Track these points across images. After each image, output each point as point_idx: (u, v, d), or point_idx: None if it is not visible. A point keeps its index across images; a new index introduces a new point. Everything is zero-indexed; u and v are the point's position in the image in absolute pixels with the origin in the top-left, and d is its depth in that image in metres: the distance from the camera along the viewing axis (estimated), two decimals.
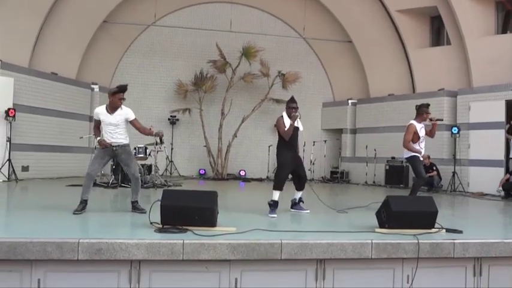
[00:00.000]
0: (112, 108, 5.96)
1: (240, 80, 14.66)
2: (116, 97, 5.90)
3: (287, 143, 6.31)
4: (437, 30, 14.08)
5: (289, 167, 6.30)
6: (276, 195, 6.21)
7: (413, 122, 7.12)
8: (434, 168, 12.11)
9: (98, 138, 5.99)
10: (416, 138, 7.04)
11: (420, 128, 7.10)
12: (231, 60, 14.47)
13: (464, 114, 12.22)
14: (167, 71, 15.40)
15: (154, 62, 15.36)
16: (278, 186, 6.22)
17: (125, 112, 6.02)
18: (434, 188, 11.90)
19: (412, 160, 7.08)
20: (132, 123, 6.09)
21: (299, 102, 6.60)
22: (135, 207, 6.10)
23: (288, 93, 14.42)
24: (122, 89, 5.95)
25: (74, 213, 5.71)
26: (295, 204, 6.62)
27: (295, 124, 6.30)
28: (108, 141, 5.95)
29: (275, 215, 6.08)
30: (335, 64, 16.06)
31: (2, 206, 7.28)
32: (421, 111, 7.14)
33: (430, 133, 7.26)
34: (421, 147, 7.13)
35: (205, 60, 14.63)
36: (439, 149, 12.60)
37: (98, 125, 6.15)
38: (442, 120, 7.07)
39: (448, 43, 13.27)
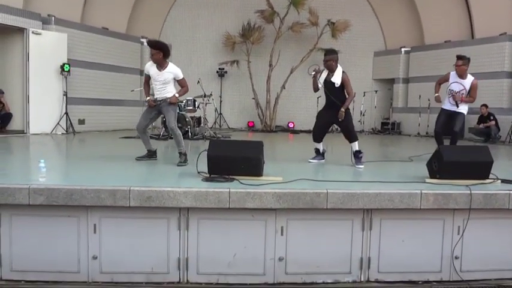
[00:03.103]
0: (158, 65, 5.98)
1: (288, 30, 14.30)
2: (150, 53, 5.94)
3: (325, 98, 6.42)
4: None
5: (318, 121, 6.49)
6: (314, 145, 6.64)
7: (453, 71, 7.00)
8: (492, 118, 11.51)
9: (147, 98, 6.11)
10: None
11: (453, 83, 6.92)
12: (279, 10, 14.08)
13: None
14: (214, 23, 15.26)
15: (201, 14, 15.24)
16: (313, 137, 6.57)
17: (174, 71, 6.03)
18: (491, 139, 11.37)
19: None
20: (180, 82, 6.13)
21: (349, 51, 6.44)
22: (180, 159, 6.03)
23: (337, 42, 13.96)
24: (149, 44, 5.98)
25: (136, 159, 6.23)
26: (353, 155, 6.54)
27: (332, 79, 6.16)
28: (155, 96, 6.10)
29: (312, 161, 6.58)
30: (387, 10, 15.26)
31: (61, 156, 7.72)
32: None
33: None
34: (449, 100, 6.95)
35: (252, 11, 14.31)
36: (498, 98, 11.91)
37: (147, 80, 6.18)
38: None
39: None
